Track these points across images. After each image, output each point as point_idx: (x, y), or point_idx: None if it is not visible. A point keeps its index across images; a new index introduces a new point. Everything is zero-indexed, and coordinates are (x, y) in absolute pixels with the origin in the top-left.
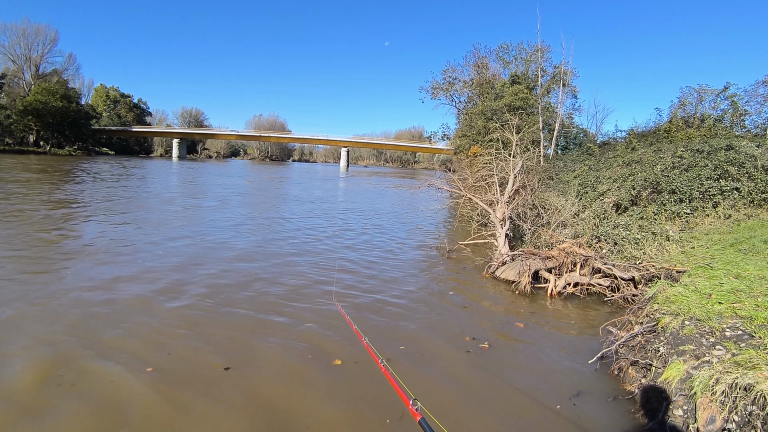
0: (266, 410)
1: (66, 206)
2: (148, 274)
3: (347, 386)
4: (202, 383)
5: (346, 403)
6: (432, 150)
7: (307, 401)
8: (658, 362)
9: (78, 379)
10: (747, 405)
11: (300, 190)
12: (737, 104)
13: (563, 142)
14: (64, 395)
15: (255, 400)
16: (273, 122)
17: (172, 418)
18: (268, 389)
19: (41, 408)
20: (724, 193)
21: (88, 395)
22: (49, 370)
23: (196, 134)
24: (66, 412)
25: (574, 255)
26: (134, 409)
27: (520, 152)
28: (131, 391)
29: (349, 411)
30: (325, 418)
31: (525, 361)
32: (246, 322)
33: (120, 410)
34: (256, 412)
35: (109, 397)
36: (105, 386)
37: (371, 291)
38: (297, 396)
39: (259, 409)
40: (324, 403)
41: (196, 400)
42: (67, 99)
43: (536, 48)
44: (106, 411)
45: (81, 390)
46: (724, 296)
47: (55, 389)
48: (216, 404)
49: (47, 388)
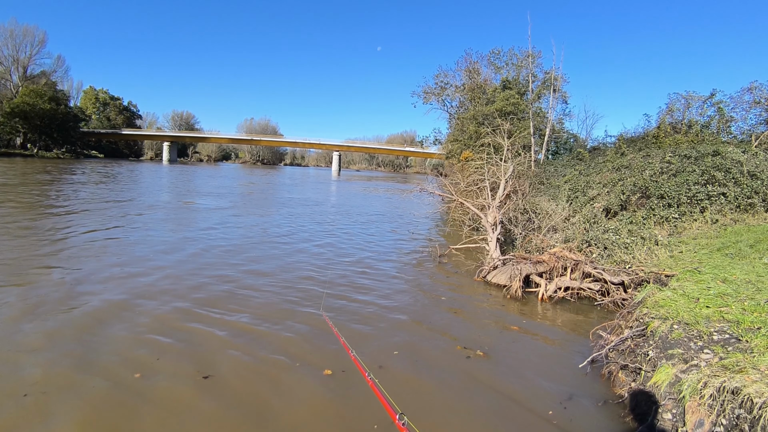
0: (247, 421)
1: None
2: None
3: (335, 397)
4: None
5: (331, 413)
6: (424, 154)
7: (291, 411)
8: (648, 366)
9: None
10: (734, 408)
11: (294, 194)
12: (723, 111)
13: (554, 147)
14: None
15: (235, 409)
16: (265, 126)
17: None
18: (248, 400)
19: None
20: (711, 198)
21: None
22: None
23: (187, 138)
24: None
25: (564, 259)
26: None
27: (511, 157)
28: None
29: (336, 421)
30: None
31: (515, 366)
32: (226, 329)
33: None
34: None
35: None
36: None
37: (362, 296)
38: (281, 407)
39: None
40: (310, 412)
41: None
42: (56, 101)
43: (527, 54)
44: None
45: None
46: (711, 300)
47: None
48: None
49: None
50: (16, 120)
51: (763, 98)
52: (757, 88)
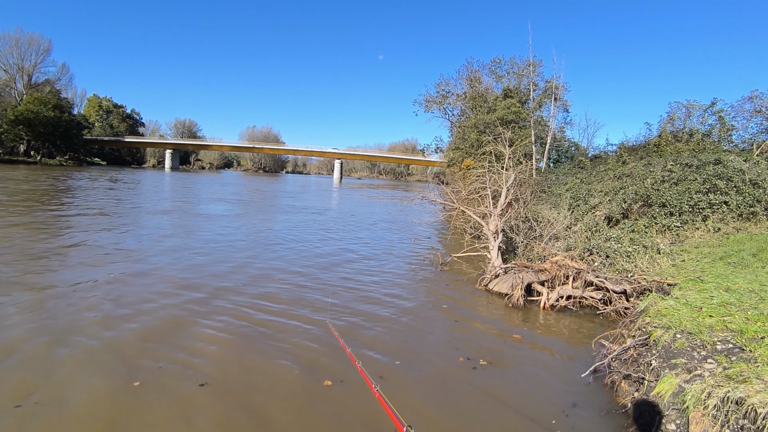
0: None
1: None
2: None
3: (338, 406)
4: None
5: (335, 422)
6: (425, 162)
7: (296, 420)
8: (651, 376)
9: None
10: (739, 419)
11: (298, 202)
12: (724, 119)
13: (555, 155)
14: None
15: (232, 416)
16: (267, 134)
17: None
18: (245, 407)
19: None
20: (713, 206)
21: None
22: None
23: (189, 145)
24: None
25: (566, 268)
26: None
27: (512, 165)
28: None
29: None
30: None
31: (518, 375)
32: (228, 336)
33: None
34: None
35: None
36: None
37: (365, 304)
38: (287, 415)
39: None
40: (306, 422)
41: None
42: (59, 109)
43: (528, 62)
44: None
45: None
46: (714, 309)
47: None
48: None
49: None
50: (19, 127)
51: (764, 107)
52: (758, 96)
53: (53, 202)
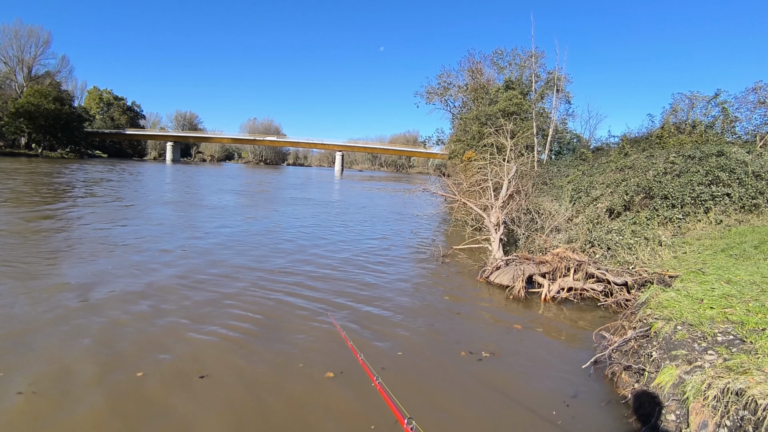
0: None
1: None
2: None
3: (339, 398)
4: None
5: (336, 414)
6: (426, 155)
7: (299, 414)
8: (651, 367)
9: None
10: (739, 410)
11: (299, 193)
12: (728, 111)
13: (557, 147)
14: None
15: (230, 408)
16: (268, 126)
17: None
18: (246, 400)
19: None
20: (715, 198)
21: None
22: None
23: (191, 138)
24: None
25: (567, 260)
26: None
27: (514, 157)
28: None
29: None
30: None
31: (519, 366)
32: (231, 331)
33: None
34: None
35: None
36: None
37: (366, 296)
38: (291, 407)
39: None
40: (316, 415)
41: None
42: (60, 101)
43: (530, 54)
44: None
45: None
46: (715, 301)
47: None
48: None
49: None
50: (20, 120)
51: (767, 98)
52: (761, 88)
53: (103, 194)
